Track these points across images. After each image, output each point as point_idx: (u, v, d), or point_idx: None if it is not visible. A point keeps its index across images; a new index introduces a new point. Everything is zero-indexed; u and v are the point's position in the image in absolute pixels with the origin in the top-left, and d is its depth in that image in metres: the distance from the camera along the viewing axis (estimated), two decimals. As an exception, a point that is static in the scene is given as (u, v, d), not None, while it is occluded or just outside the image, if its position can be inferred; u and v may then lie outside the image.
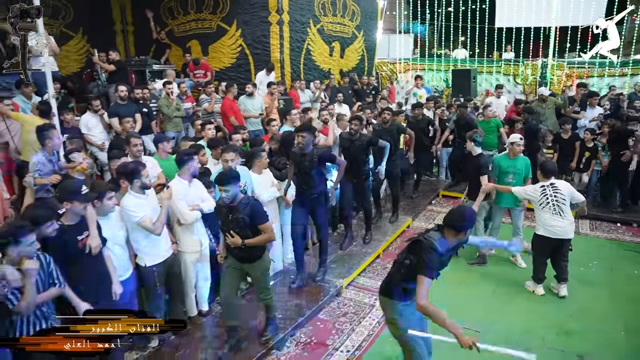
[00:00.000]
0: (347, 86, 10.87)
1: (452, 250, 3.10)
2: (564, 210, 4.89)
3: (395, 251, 5.90)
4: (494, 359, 3.04)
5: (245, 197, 3.80)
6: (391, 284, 3.26)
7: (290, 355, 4.10)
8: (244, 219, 3.65)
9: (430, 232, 3.07)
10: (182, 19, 10.69)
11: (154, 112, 7.41)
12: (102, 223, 3.46)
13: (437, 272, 3.00)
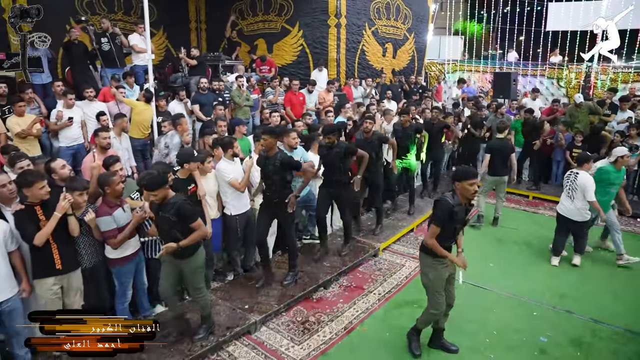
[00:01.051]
0: (396, 84, 11.88)
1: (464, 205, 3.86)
2: (575, 197, 5.83)
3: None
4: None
5: (174, 196, 3.77)
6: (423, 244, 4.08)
7: (334, 293, 5.27)
8: (169, 218, 3.71)
9: (445, 193, 4.03)
10: (250, 19, 12.05)
11: (227, 101, 8.73)
12: (203, 180, 4.75)
13: (453, 222, 3.81)
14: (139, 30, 8.88)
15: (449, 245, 4.00)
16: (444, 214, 3.76)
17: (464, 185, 3.70)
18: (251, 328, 4.40)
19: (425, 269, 4.07)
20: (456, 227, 3.90)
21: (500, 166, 7.22)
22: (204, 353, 4.01)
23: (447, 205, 3.75)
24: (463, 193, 3.74)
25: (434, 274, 3.97)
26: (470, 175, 3.69)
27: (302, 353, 4.19)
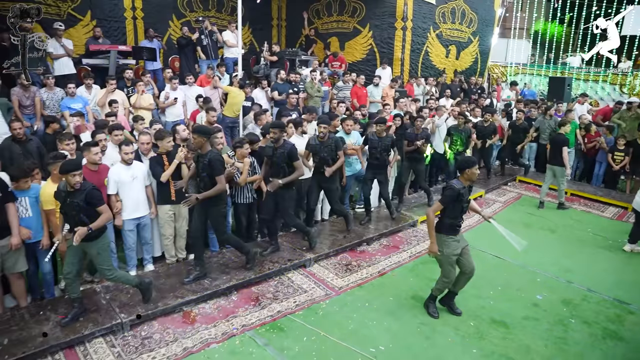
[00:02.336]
0: (456, 84, 12.87)
1: (467, 187, 4.83)
2: None
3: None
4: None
5: (84, 183, 4.13)
6: (439, 222, 4.86)
7: (375, 248, 6.62)
8: (78, 203, 4.06)
9: (452, 180, 5.03)
10: (325, 19, 13.49)
11: (300, 91, 10.21)
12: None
13: (459, 203, 4.62)
14: (230, 28, 10.59)
15: (459, 223, 4.86)
16: (451, 197, 4.61)
17: (471, 171, 4.68)
18: (306, 262, 5.86)
19: (439, 246, 4.80)
20: (463, 206, 4.73)
21: (557, 157, 8.32)
22: (269, 274, 5.52)
23: (454, 190, 4.60)
24: (469, 177, 4.70)
25: (447, 250, 4.78)
26: (472, 163, 4.72)
27: (342, 283, 5.59)
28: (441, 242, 4.82)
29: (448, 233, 4.79)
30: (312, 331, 4.63)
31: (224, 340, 4.44)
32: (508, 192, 9.58)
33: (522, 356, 4.44)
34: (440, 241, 4.82)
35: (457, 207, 4.72)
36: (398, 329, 4.78)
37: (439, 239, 4.83)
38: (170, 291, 4.96)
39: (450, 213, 4.75)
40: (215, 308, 4.95)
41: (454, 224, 4.80)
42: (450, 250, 4.79)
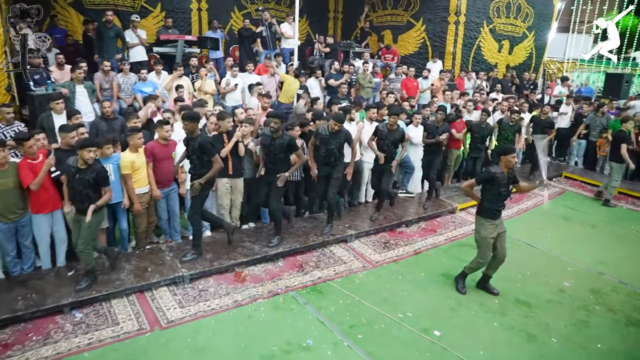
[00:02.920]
0: (508, 79, 12.91)
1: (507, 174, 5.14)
2: None
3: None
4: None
5: (95, 163, 4.61)
6: (480, 205, 5.36)
7: (413, 230, 7.07)
8: (88, 180, 4.54)
9: (491, 166, 5.40)
10: (380, 12, 13.86)
11: (353, 82, 10.68)
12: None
13: (496, 187, 4.95)
14: (288, 20, 11.21)
15: (498, 208, 5.17)
16: (484, 178, 5.08)
17: (507, 159, 5.02)
18: (347, 238, 6.41)
19: (477, 227, 5.22)
20: (500, 191, 5.02)
21: (615, 153, 8.51)
22: (313, 245, 6.11)
23: (489, 173, 5.04)
24: (506, 164, 5.04)
25: (484, 232, 5.13)
26: (510, 151, 5.07)
27: (379, 258, 6.10)
28: (480, 225, 5.20)
29: (487, 216, 5.15)
30: (347, 296, 5.18)
31: (269, 298, 5.08)
32: (551, 187, 9.68)
33: (540, 332, 4.78)
34: (479, 223, 5.21)
35: (494, 191, 5.06)
36: (426, 300, 5.24)
37: (478, 221, 5.23)
38: (225, 254, 5.65)
39: (489, 197, 5.11)
40: (263, 271, 5.60)
41: (492, 208, 5.13)
42: (487, 232, 5.14)
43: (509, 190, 5.19)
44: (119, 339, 4.31)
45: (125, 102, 8.36)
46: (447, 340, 4.52)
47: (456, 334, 4.66)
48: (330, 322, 4.70)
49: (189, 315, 4.69)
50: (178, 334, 4.43)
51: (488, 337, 4.66)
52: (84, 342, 4.24)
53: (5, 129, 5.98)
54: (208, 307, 4.82)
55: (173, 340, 4.35)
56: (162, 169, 5.72)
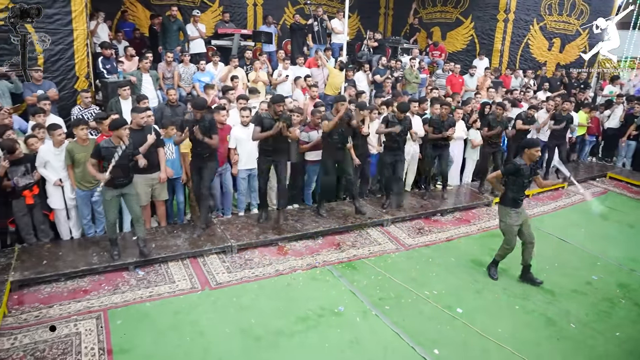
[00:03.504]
0: (556, 77, 12.83)
1: (529, 166, 5.41)
2: None
3: (541, 196, 8.56)
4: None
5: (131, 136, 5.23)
6: (503, 195, 5.73)
7: (447, 220, 7.41)
8: (132, 152, 5.16)
9: (516, 158, 5.73)
10: (430, 9, 14.06)
11: (399, 77, 11.01)
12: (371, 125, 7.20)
13: (520, 177, 5.25)
14: (339, 16, 11.67)
15: (521, 198, 5.48)
16: (509, 169, 5.37)
17: (531, 152, 5.31)
18: (384, 222, 6.84)
19: (502, 217, 5.53)
20: (524, 182, 5.33)
21: None
22: (351, 227, 6.59)
23: (514, 165, 5.35)
24: (530, 157, 5.33)
25: (509, 220, 5.44)
26: (534, 144, 5.35)
27: (412, 242, 6.51)
28: (504, 213, 5.52)
29: (511, 206, 5.46)
30: (379, 272, 5.63)
31: (307, 270, 5.61)
32: (594, 187, 9.68)
33: (560, 318, 5.05)
34: (504, 212, 5.52)
35: (518, 182, 5.37)
36: (453, 281, 5.61)
37: (503, 210, 5.54)
38: (270, 229, 6.23)
39: (513, 187, 5.42)
40: (304, 246, 6.14)
41: (516, 198, 5.44)
42: (512, 221, 5.45)
43: (530, 181, 5.50)
44: (174, 295, 4.96)
45: (184, 90, 9.08)
46: (468, 317, 4.89)
47: (477, 312, 5.02)
48: (361, 294, 5.17)
49: (235, 280, 5.29)
50: (225, 294, 5.03)
51: (508, 318, 4.98)
52: (146, 294, 4.92)
53: (84, 111, 6.80)
54: (252, 274, 5.41)
55: (220, 299, 4.95)
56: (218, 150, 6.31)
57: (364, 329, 4.61)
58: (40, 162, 5.36)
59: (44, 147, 5.42)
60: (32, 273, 4.92)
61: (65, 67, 7.32)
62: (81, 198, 5.62)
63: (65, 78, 7.34)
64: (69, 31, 7.15)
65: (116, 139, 5.01)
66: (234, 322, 4.56)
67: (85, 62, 7.49)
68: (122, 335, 4.26)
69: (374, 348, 4.33)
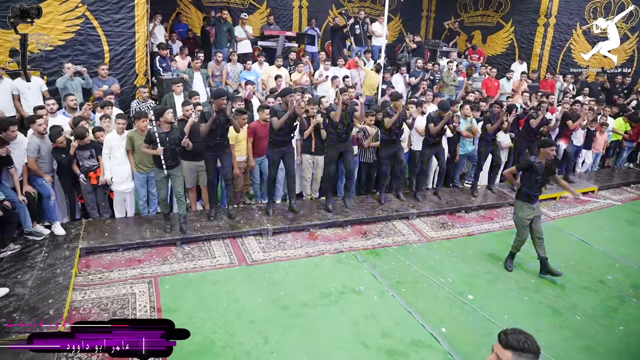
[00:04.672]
0: (597, 82, 12.80)
1: (544, 164, 5.76)
2: None
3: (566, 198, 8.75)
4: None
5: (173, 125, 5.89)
6: (519, 190, 6.13)
7: (471, 216, 7.80)
8: (178, 137, 5.82)
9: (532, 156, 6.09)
10: (471, 12, 14.29)
11: (437, 80, 11.37)
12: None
13: (534, 174, 5.61)
14: (379, 19, 12.14)
15: (535, 194, 5.81)
16: (523, 165, 5.83)
17: (546, 150, 5.72)
18: (409, 215, 7.33)
19: (516, 210, 5.96)
20: (537, 179, 5.66)
21: None
22: (378, 218, 7.13)
23: (528, 162, 5.77)
24: (545, 156, 5.73)
25: (521, 213, 5.86)
26: (550, 144, 5.76)
27: (434, 235, 6.97)
28: (518, 207, 5.95)
29: (524, 200, 5.86)
30: (399, 259, 6.15)
31: (334, 254, 6.20)
32: (626, 193, 9.76)
33: (566, 310, 5.39)
34: (518, 206, 5.95)
35: (532, 178, 5.74)
36: (467, 271, 6.05)
37: (517, 203, 5.96)
38: (303, 217, 6.85)
39: (527, 183, 5.81)
40: (333, 233, 6.74)
41: (529, 194, 5.82)
42: (524, 214, 5.86)
43: (545, 179, 5.83)
44: (214, 268, 5.68)
45: (231, 88, 9.83)
46: (477, 303, 5.33)
47: (487, 300, 5.45)
48: (381, 277, 5.71)
49: (269, 258, 5.95)
50: (259, 270, 5.69)
51: (515, 307, 5.39)
52: (190, 266, 5.66)
53: (142, 105, 7.63)
54: (284, 254, 6.05)
55: (255, 273, 5.62)
56: (260, 143, 6.94)
57: (380, 306, 5.15)
58: (106, 147, 6.15)
59: (109, 135, 6.23)
60: (96, 243, 5.75)
61: (127, 65, 8.21)
62: (139, 180, 6.40)
63: (127, 75, 8.24)
64: (131, 33, 8.04)
65: (165, 125, 5.80)
66: (266, 293, 5.21)
67: (144, 61, 8.36)
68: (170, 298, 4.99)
69: (386, 322, 4.87)
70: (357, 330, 4.75)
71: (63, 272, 5.01)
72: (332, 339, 4.59)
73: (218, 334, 4.51)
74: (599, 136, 10.16)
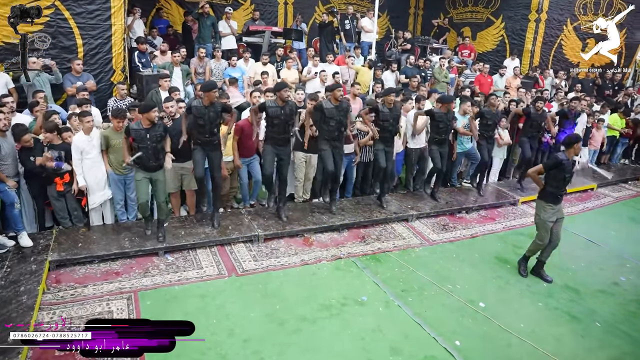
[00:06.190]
0: (588, 79, 12.59)
1: (571, 161, 5.43)
2: None
3: (569, 197, 8.42)
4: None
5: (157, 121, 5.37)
6: (543, 190, 5.65)
7: (472, 217, 7.38)
8: (161, 134, 5.33)
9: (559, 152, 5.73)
10: (461, 9, 13.99)
11: (428, 76, 10.99)
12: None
13: (562, 172, 5.23)
14: (369, 15, 11.75)
15: (561, 193, 5.46)
16: (552, 162, 5.38)
17: (573, 147, 5.34)
18: (409, 217, 6.88)
19: (538, 211, 5.56)
20: (565, 176, 5.30)
21: None
22: (377, 220, 6.67)
23: (557, 158, 5.35)
24: (573, 152, 5.36)
25: (544, 215, 5.45)
26: (579, 139, 5.42)
27: (436, 238, 6.54)
28: (540, 208, 5.53)
29: (548, 201, 5.44)
30: (403, 265, 5.69)
31: (332, 260, 5.71)
32: (625, 190, 9.48)
33: (584, 316, 5.02)
34: (540, 207, 5.53)
35: (559, 176, 5.34)
36: (476, 277, 5.62)
37: (540, 204, 5.54)
38: (296, 221, 6.34)
39: (553, 182, 5.40)
40: (329, 238, 6.25)
41: (555, 194, 5.42)
42: (547, 216, 5.45)
43: (572, 176, 5.48)
44: (201, 280, 5.14)
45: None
46: (490, 312, 4.90)
47: (500, 307, 5.03)
48: (385, 285, 5.24)
49: (261, 267, 5.43)
50: (251, 281, 5.17)
51: (531, 314, 4.98)
52: (175, 278, 5.11)
53: (120, 103, 7.06)
54: (278, 263, 5.54)
55: (246, 285, 5.10)
56: (247, 143, 6.43)
57: (386, 318, 4.68)
58: (76, 151, 5.51)
59: (77, 137, 5.56)
60: (68, 254, 5.16)
61: (103, 60, 7.62)
62: (114, 182, 5.83)
63: (103, 71, 7.65)
64: (107, 26, 7.46)
65: (146, 122, 5.24)
66: (259, 307, 4.70)
67: (122, 56, 7.78)
68: (152, 315, 4.44)
69: (394, 336, 4.40)
70: (362, 345, 4.28)
71: (28, 290, 4.41)
72: (336, 356, 4.12)
73: (207, 355, 3.99)
74: (596, 132, 9.92)
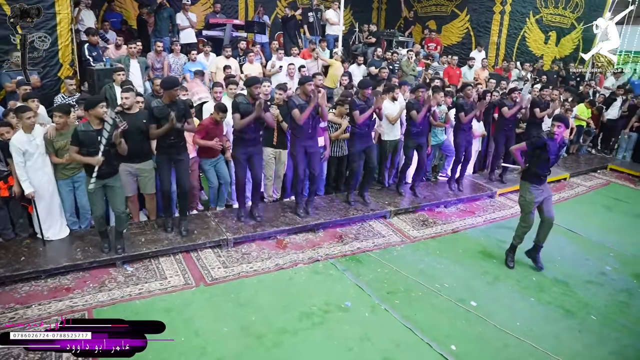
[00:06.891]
0: (553, 71, 12.62)
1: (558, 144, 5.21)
2: None
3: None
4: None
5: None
6: (526, 171, 5.42)
7: (451, 211, 7.09)
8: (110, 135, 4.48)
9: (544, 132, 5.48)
10: (425, 2, 13.84)
11: (396, 69, 10.71)
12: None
13: (545, 153, 5.03)
14: (334, 7, 11.37)
15: (544, 174, 5.23)
16: (536, 142, 5.17)
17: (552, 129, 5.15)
18: (386, 214, 6.50)
19: (522, 192, 5.38)
20: (549, 157, 5.11)
21: None
22: (353, 218, 6.27)
23: (542, 139, 5.14)
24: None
25: (529, 196, 5.26)
26: (563, 119, 5.21)
27: (417, 234, 6.18)
28: (525, 189, 5.33)
29: (532, 182, 5.25)
30: (385, 265, 5.30)
31: (310, 263, 5.26)
32: (596, 179, 9.44)
33: (578, 309, 4.78)
34: (524, 188, 5.34)
35: (543, 157, 5.14)
36: (463, 273, 5.30)
37: (524, 185, 5.36)
38: (267, 222, 5.84)
39: (536, 162, 5.20)
40: (304, 239, 5.78)
41: (538, 174, 5.23)
42: (532, 197, 5.25)
43: (559, 157, 5.34)
44: (166, 291, 4.58)
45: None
46: (483, 310, 4.58)
47: (493, 305, 4.71)
48: (368, 288, 4.83)
49: (232, 275, 4.92)
50: (222, 290, 4.66)
51: (525, 311, 4.69)
52: (135, 291, 4.53)
53: (68, 100, 6.38)
54: (250, 269, 5.04)
55: (217, 295, 4.58)
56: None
57: (373, 324, 4.27)
58: (18, 153, 4.81)
59: (16, 137, 4.86)
60: (7, 270, 4.49)
61: (48, 53, 6.89)
62: (62, 188, 5.19)
63: (48, 65, 6.94)
64: (51, 15, 6.75)
65: (95, 121, 4.58)
66: (233, 320, 4.20)
67: (69, 49, 7.10)
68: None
69: (385, 345, 4.00)
70: (351, 357, 3.85)
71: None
72: (323, 372, 3.67)
73: (176, 380, 3.47)
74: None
